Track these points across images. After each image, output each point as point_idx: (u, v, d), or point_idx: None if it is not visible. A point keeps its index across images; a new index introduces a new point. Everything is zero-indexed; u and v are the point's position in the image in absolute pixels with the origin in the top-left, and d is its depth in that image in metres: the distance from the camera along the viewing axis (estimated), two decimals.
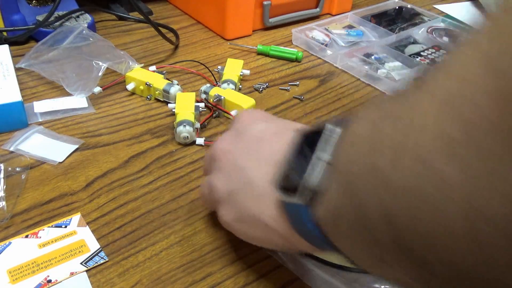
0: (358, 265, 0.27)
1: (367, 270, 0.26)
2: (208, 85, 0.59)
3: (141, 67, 0.61)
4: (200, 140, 0.52)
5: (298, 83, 0.65)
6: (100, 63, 0.57)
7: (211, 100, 0.57)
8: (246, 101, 0.56)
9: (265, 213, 0.32)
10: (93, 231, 0.41)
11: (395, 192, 0.19)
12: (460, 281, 0.19)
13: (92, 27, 0.69)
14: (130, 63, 0.59)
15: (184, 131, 0.50)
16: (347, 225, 0.24)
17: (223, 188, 0.35)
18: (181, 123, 0.51)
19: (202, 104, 0.55)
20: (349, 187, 0.23)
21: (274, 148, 0.33)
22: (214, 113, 0.57)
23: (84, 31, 0.61)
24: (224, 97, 0.56)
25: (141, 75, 0.59)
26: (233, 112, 0.55)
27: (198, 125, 0.52)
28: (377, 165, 0.20)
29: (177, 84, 0.59)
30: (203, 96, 0.57)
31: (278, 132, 0.34)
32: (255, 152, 0.34)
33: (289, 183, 0.29)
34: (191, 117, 0.52)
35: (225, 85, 0.60)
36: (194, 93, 0.55)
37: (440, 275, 0.19)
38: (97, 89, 0.58)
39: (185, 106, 0.53)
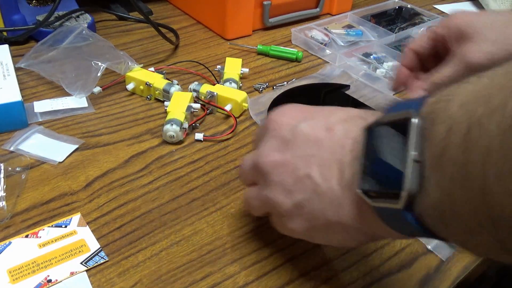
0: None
1: (480, 256, 0.24)
2: (196, 82, 0.59)
3: (141, 67, 0.61)
4: (199, 136, 0.52)
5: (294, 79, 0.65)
6: (100, 63, 0.57)
7: (203, 97, 0.57)
8: (238, 95, 0.56)
9: (344, 216, 0.30)
10: (93, 231, 0.41)
11: None
12: None
13: (92, 27, 0.69)
14: (130, 64, 0.59)
15: (171, 130, 0.50)
16: (460, 218, 0.22)
17: (287, 202, 0.33)
18: (169, 121, 0.51)
19: (196, 105, 0.55)
20: (463, 177, 0.21)
21: (334, 146, 0.31)
22: (208, 110, 0.57)
23: (84, 31, 0.61)
24: (216, 93, 0.56)
25: (141, 75, 0.59)
26: (227, 107, 0.55)
27: (186, 125, 0.52)
28: None
29: (177, 84, 0.59)
30: (194, 94, 0.57)
31: (330, 127, 0.31)
32: (314, 156, 0.31)
33: (379, 189, 0.27)
34: (181, 116, 0.51)
35: (227, 84, 0.60)
36: (191, 93, 0.55)
37: None
38: (97, 89, 0.58)
39: (178, 105, 0.53)
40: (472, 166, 0.21)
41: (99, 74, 0.57)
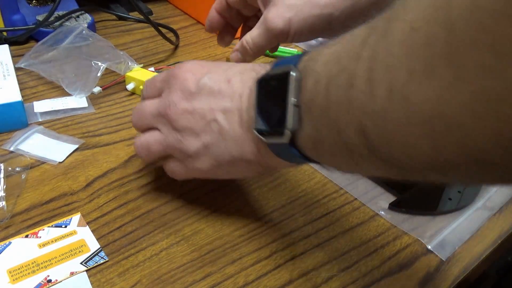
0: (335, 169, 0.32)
1: (343, 171, 0.32)
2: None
3: (141, 67, 0.61)
4: None
5: None
6: (99, 63, 0.57)
7: None
8: None
9: (246, 152, 0.36)
10: (93, 231, 0.41)
11: (371, 115, 0.24)
12: (414, 165, 0.24)
13: (92, 27, 0.69)
14: (130, 63, 0.59)
15: None
16: (327, 146, 0.29)
17: (195, 144, 0.37)
18: None
19: None
20: (326, 118, 0.28)
21: (235, 95, 0.36)
22: None
23: (84, 31, 0.61)
24: None
25: (141, 75, 0.59)
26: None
27: None
28: (353, 97, 0.25)
29: None
30: None
31: (229, 79, 0.37)
32: (217, 104, 0.37)
33: (269, 129, 0.32)
34: None
35: None
36: None
37: (403, 165, 0.25)
38: (97, 89, 0.58)
39: None
40: (331, 112, 0.27)
41: (99, 74, 0.57)
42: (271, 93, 0.32)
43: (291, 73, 0.29)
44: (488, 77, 0.18)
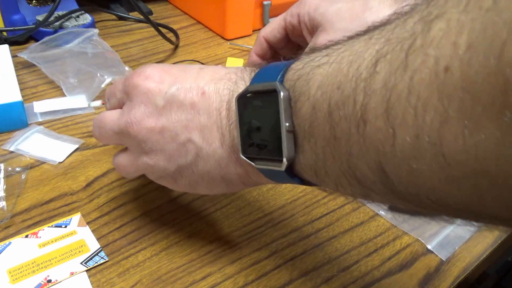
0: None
1: (342, 195, 0.28)
2: None
3: None
4: None
5: None
6: (105, 76, 0.56)
7: None
8: None
9: (229, 173, 0.32)
10: (93, 231, 0.41)
11: (392, 158, 0.21)
12: (437, 206, 0.21)
13: (92, 27, 0.69)
14: None
15: None
16: (333, 176, 0.25)
17: (169, 168, 0.33)
18: None
19: None
20: (333, 150, 0.24)
21: (211, 110, 0.31)
22: None
23: (94, 37, 0.60)
24: None
25: None
26: None
27: None
28: (367, 135, 0.21)
29: None
30: None
31: (202, 91, 0.32)
32: (192, 120, 0.32)
33: (261, 156, 0.28)
34: None
35: None
36: None
37: (428, 207, 0.22)
38: (98, 103, 0.56)
39: None
40: (340, 144, 0.23)
41: (102, 86, 0.56)
42: (257, 114, 0.28)
43: (282, 93, 0.26)
44: None
